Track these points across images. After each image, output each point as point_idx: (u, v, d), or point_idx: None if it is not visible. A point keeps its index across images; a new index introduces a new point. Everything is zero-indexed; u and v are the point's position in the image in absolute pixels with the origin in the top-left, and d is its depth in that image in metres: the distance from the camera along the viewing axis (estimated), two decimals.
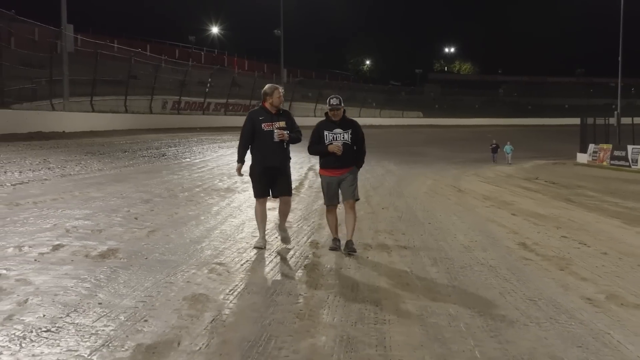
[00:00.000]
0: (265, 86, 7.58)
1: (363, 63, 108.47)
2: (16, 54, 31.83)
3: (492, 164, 33.13)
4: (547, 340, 4.71)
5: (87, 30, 52.63)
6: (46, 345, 4.01)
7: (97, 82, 34.40)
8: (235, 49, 74.82)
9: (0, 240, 6.94)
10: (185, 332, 4.38)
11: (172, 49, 63.95)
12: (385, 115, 69.27)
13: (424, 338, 4.62)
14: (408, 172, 23.73)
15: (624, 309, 5.67)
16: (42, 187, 11.68)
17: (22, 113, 27.15)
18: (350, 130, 7.56)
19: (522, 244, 8.85)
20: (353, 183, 7.63)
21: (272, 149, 7.33)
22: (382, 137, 48.41)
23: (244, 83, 53.25)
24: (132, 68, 38.48)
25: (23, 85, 31.69)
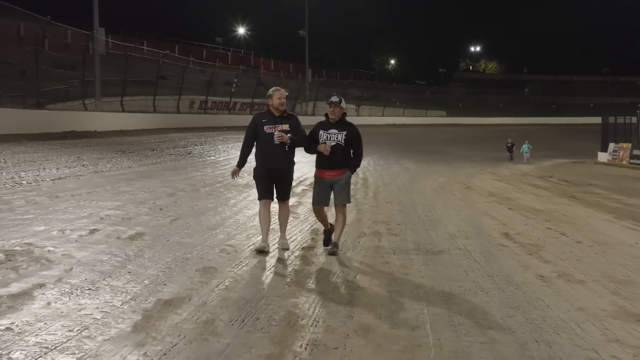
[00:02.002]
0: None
1: (388, 62, 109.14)
2: (50, 56, 33.33)
3: (510, 162, 33.52)
4: (487, 303, 5.81)
5: (118, 32, 54.33)
6: (88, 298, 5.23)
7: (127, 82, 35.78)
8: (262, 49, 76.22)
9: (45, 225, 8.18)
10: (195, 292, 5.56)
11: (199, 50, 65.46)
12: (409, 114, 69.92)
13: (385, 300, 5.76)
14: (424, 170, 24.33)
15: (567, 284, 6.72)
16: (78, 182, 12.93)
17: (56, 113, 28.59)
18: (345, 132, 7.52)
19: (505, 233, 9.81)
20: (346, 187, 7.64)
21: (274, 152, 7.35)
22: (405, 136, 49.27)
23: (270, 83, 54.33)
24: (161, 69, 39.81)
25: (57, 86, 33.20)
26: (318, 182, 7.69)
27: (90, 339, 4.32)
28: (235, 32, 79.50)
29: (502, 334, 4.97)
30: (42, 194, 10.95)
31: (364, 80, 79.98)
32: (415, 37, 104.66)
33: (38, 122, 25.96)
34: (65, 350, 4.11)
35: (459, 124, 69.70)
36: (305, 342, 4.53)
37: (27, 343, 4.19)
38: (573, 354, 4.58)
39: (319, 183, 7.68)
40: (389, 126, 60.80)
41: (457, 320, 5.29)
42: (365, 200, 13.36)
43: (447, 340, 4.75)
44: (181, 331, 4.58)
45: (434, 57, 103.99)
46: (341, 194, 7.61)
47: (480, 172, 25.64)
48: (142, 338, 4.40)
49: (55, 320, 4.63)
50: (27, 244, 6.99)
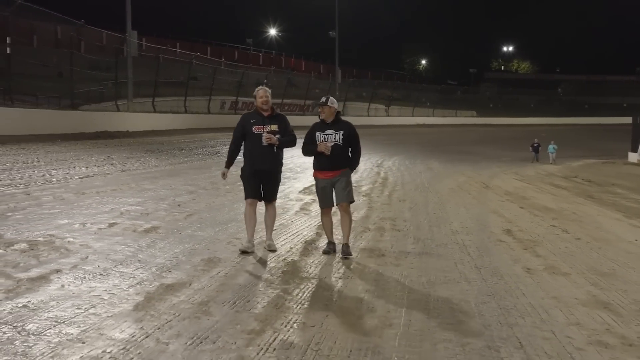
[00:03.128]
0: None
1: (419, 63, 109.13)
2: (85, 58, 34.33)
3: (535, 162, 33.49)
4: (467, 291, 6.27)
5: (152, 34, 55.40)
6: (99, 282, 5.83)
7: (159, 83, 36.65)
8: (293, 50, 76.93)
9: (69, 219, 8.82)
10: (196, 279, 6.13)
11: (231, 51, 66.40)
12: (439, 114, 70.00)
13: (370, 286, 6.26)
14: (448, 170, 24.50)
15: (551, 276, 7.13)
16: (105, 180, 13.61)
17: (89, 114, 29.51)
18: (342, 132, 7.51)
19: (507, 230, 10.19)
20: (347, 186, 7.61)
21: (262, 152, 7.33)
22: (434, 136, 49.48)
23: (300, 83, 55.04)
24: (193, 70, 40.63)
25: (92, 87, 34.19)
26: (319, 184, 7.65)
27: (96, 315, 4.90)
28: (266, 33, 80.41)
29: (470, 317, 5.44)
30: (69, 190, 11.63)
31: (395, 80, 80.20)
32: (446, 38, 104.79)
33: (72, 122, 26.86)
34: (72, 323, 4.69)
35: (489, 124, 69.55)
36: (286, 321, 5.05)
37: (40, 317, 4.78)
38: (530, 334, 5.02)
39: (320, 184, 7.64)
40: (418, 126, 60.99)
41: (433, 305, 5.77)
42: (379, 198, 13.78)
43: (416, 321, 5.23)
44: (177, 310, 5.14)
45: (466, 57, 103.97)
46: (343, 193, 7.56)
47: (505, 172, 25.71)
48: (141, 315, 4.96)
49: (66, 300, 5.23)
50: (50, 235, 7.63)
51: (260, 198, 7.58)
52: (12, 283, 5.59)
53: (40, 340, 4.34)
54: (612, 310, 5.86)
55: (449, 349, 4.65)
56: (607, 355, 4.67)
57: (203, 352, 4.30)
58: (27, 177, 13.09)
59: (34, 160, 16.30)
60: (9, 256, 6.56)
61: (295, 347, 4.50)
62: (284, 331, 4.81)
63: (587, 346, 4.83)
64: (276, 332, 4.80)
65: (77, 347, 4.24)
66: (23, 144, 20.96)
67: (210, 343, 4.48)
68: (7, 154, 17.43)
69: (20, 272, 5.96)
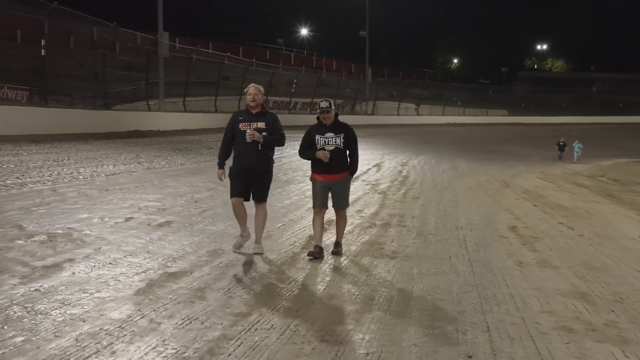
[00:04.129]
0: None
1: (451, 62, 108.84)
2: (118, 60, 35.21)
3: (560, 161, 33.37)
4: (453, 282, 6.65)
5: (185, 34, 56.38)
6: (107, 270, 6.35)
7: (191, 83, 37.36)
8: (324, 49, 77.43)
9: (89, 214, 9.38)
10: (198, 268, 6.61)
11: (263, 51, 67.13)
12: (469, 113, 69.82)
13: (362, 275, 6.70)
14: (472, 169, 24.59)
15: (540, 269, 7.45)
16: (130, 178, 14.19)
17: (122, 113, 30.28)
18: (343, 135, 7.40)
19: (512, 227, 10.47)
20: (345, 191, 7.58)
21: (247, 150, 7.25)
22: (464, 135, 49.52)
23: (331, 83, 55.47)
24: (224, 69, 41.30)
25: (125, 88, 35.05)
26: (317, 185, 7.52)
27: (99, 299, 5.40)
28: (297, 33, 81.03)
29: (447, 304, 5.83)
30: (94, 187, 12.21)
31: (426, 79, 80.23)
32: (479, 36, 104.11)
33: (105, 122, 27.62)
34: (77, 305, 5.21)
35: (521, 123, 69.15)
36: (273, 306, 5.50)
37: (48, 300, 5.30)
38: (500, 320, 5.40)
39: (317, 185, 7.52)
40: (448, 125, 60.98)
41: (416, 293, 6.18)
42: (394, 196, 14.11)
43: (395, 307, 5.66)
44: (174, 295, 5.62)
45: (498, 56, 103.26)
46: (340, 198, 7.54)
47: (530, 170, 25.72)
48: (140, 299, 5.45)
49: (75, 285, 5.75)
50: (69, 228, 8.18)
51: (247, 197, 7.45)
52: (28, 270, 6.13)
53: (46, 318, 4.85)
54: (589, 300, 6.18)
55: (418, 332, 5.04)
56: (567, 339, 5.01)
57: (190, 331, 4.76)
58: (56, 174, 13.71)
59: (64, 159, 16.95)
60: (28, 246, 7.11)
61: (275, 328, 4.94)
62: (268, 314, 5.25)
63: (552, 331, 5.19)
64: (261, 315, 5.24)
65: (78, 325, 4.74)
66: (56, 142, 21.68)
67: (198, 323, 4.94)
68: (40, 153, 18.11)
69: (37, 261, 6.49)
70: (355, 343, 4.73)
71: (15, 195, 10.69)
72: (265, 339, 4.70)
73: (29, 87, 29.28)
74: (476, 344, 4.83)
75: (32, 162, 15.71)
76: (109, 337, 4.54)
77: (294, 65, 65.37)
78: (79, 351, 4.24)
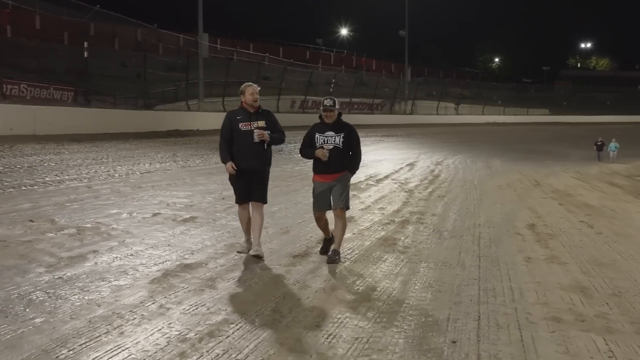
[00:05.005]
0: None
1: (492, 61, 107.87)
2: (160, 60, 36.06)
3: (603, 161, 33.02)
4: (457, 275, 6.94)
5: (227, 35, 57.19)
6: (128, 260, 6.82)
7: (231, 83, 37.96)
8: (364, 49, 77.62)
9: (119, 209, 9.88)
10: (213, 260, 7.01)
11: (303, 51, 67.58)
12: (509, 112, 69.14)
13: (370, 268, 7.00)
14: (506, 168, 24.52)
15: (547, 265, 7.67)
16: (163, 175, 14.71)
17: (162, 113, 31.00)
18: (343, 134, 7.25)
19: (531, 224, 10.65)
20: (344, 190, 7.33)
21: (251, 150, 7.09)
22: (503, 134, 49.17)
23: (370, 82, 55.63)
24: (265, 70, 41.85)
25: (166, 88, 35.85)
26: (317, 187, 7.37)
27: (117, 286, 5.85)
28: (337, 33, 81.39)
29: (446, 295, 6.14)
30: (127, 185, 12.74)
31: (467, 79, 79.81)
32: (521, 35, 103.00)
33: (145, 121, 28.32)
34: (95, 292, 5.66)
35: (562, 122, 68.18)
36: (278, 295, 5.87)
37: (70, 286, 5.76)
38: (493, 310, 5.68)
39: (317, 188, 7.36)
40: (488, 125, 60.59)
41: (420, 284, 6.50)
42: (420, 194, 14.32)
43: (394, 296, 5.98)
44: (187, 284, 6.03)
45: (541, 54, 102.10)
46: (340, 198, 7.28)
47: (566, 170, 25.56)
48: (155, 287, 5.87)
49: (96, 274, 6.21)
50: (98, 223, 8.67)
51: (251, 199, 7.30)
52: (54, 260, 6.61)
53: (65, 303, 5.30)
54: (586, 293, 6.42)
55: (410, 319, 5.35)
56: (554, 328, 5.27)
57: (195, 315, 5.16)
58: (93, 172, 14.30)
59: (103, 157, 17.57)
60: (58, 239, 7.61)
61: (276, 314, 5.31)
62: (271, 302, 5.62)
63: (541, 321, 5.45)
64: (267, 302, 5.60)
65: (93, 309, 5.18)
66: (97, 142, 22.39)
67: (204, 309, 5.33)
68: (80, 152, 18.78)
69: (63, 252, 6.97)
70: (348, 328, 5.06)
71: (52, 192, 11.26)
72: (264, 324, 5.06)
73: (74, 87, 30.18)
74: (463, 331, 5.12)
75: (72, 160, 16.34)
76: (119, 319, 4.96)
77: (333, 65, 65.73)
78: (90, 331, 4.66)
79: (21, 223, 8.38)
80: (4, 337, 4.48)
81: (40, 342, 4.42)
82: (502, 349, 4.74)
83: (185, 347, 4.48)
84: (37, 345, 4.36)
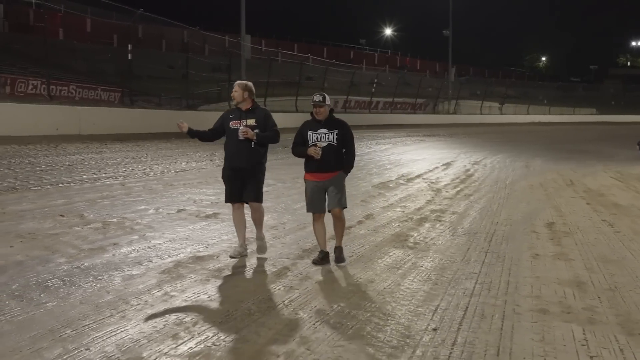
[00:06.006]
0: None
1: (539, 59, 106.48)
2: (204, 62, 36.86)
3: None
4: (458, 270, 7.16)
5: (272, 36, 57.93)
6: (144, 252, 7.28)
7: (274, 84, 38.59)
8: (408, 49, 77.66)
9: (146, 205, 10.40)
10: (225, 253, 7.40)
11: (347, 51, 68.05)
12: (555, 112, 68.35)
13: (375, 262, 7.29)
14: (545, 168, 24.17)
15: (552, 261, 7.77)
16: (197, 174, 15.20)
17: (204, 113, 31.62)
18: (337, 131, 7.06)
19: (550, 223, 10.71)
20: (340, 190, 7.13)
21: (238, 149, 7.07)
22: (547, 134, 48.72)
23: (414, 82, 55.70)
24: (307, 70, 42.35)
25: (211, 89, 36.65)
26: (310, 187, 7.22)
27: (129, 276, 6.31)
28: (381, 33, 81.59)
29: (441, 288, 6.40)
30: (160, 183, 13.26)
31: (512, 78, 79.14)
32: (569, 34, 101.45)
33: (188, 121, 27.79)
34: (107, 280, 6.13)
35: (610, 122, 67.09)
36: (279, 286, 6.22)
37: (85, 275, 6.25)
38: (483, 302, 5.93)
39: (310, 188, 7.20)
40: (533, 124, 60.11)
41: (419, 278, 6.77)
42: (447, 193, 14.43)
43: (390, 286, 6.27)
44: (194, 274, 6.45)
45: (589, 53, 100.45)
46: (336, 197, 7.11)
47: (606, 170, 25.03)
48: (164, 277, 6.32)
49: (111, 264, 6.68)
50: (123, 218, 9.16)
51: (241, 200, 7.30)
52: (76, 252, 7.11)
53: (78, 290, 5.77)
54: (582, 288, 6.60)
55: (399, 309, 5.64)
56: (537, 319, 5.50)
57: (197, 302, 5.58)
58: (130, 170, 14.89)
59: (142, 156, 18.20)
60: (83, 232, 8.13)
61: (272, 302, 5.67)
62: (270, 291, 5.98)
63: (527, 312, 5.68)
64: (267, 292, 5.97)
65: (102, 295, 5.65)
66: (140, 141, 23.11)
67: (205, 297, 5.73)
68: (121, 151, 19.47)
69: (86, 244, 7.48)
70: (337, 316, 5.38)
71: (86, 189, 11.83)
72: (259, 311, 5.42)
73: (121, 88, 31.12)
74: (447, 320, 5.39)
75: (112, 159, 16.99)
76: (124, 305, 5.40)
77: (377, 65, 66.06)
78: (95, 315, 5.11)
79: (52, 217, 8.93)
80: (16, 319, 4.95)
81: (48, 323, 4.87)
82: (479, 337, 5.01)
83: (179, 329, 4.87)
84: (44, 326, 4.82)
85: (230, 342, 4.72)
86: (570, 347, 4.89)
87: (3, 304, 5.29)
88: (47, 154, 17.08)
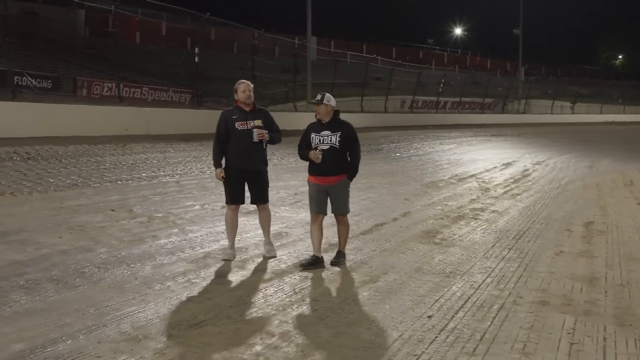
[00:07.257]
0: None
1: (615, 57, 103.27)
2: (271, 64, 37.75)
3: None
4: (474, 264, 7.45)
5: (340, 37, 58.47)
6: (177, 244, 7.89)
7: (340, 84, 39.10)
8: (478, 48, 76.84)
9: (194, 202, 11.13)
10: (254, 246, 7.93)
11: (416, 51, 67.99)
12: (631, 111, 66.37)
13: (392, 257, 7.66)
14: (609, 168, 23.58)
15: (574, 258, 7.90)
16: None
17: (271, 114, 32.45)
18: (340, 133, 6.89)
19: (589, 222, 10.71)
20: (343, 196, 7.06)
21: (249, 150, 7.05)
22: (621, 134, 47.56)
23: (482, 81, 55.24)
24: (373, 70, 42.67)
25: (278, 89, 37.50)
26: (311, 189, 7.16)
27: (160, 264, 6.93)
28: (451, 33, 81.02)
29: (452, 279, 6.73)
30: (214, 181, 13.66)
31: (586, 76, 77.29)
32: None
33: None
34: (139, 268, 6.73)
35: None
36: (295, 276, 6.69)
37: (119, 262, 6.89)
38: (487, 292, 6.25)
39: (313, 189, 7.12)
40: (606, 124, 58.69)
41: (433, 271, 7.09)
42: (494, 192, 14.46)
43: (406, 276, 6.68)
44: (219, 264, 6.95)
45: None
46: (339, 203, 7.06)
47: None
48: (191, 266, 6.93)
49: (145, 254, 7.34)
50: (169, 213, 9.80)
51: (243, 201, 7.38)
52: (117, 243, 7.78)
53: (110, 276, 6.42)
54: (593, 283, 6.80)
55: (402, 298, 6.01)
56: (534, 309, 5.78)
57: (214, 289, 6.13)
58: (188, 169, 15.61)
59: (204, 156, 18.87)
60: (128, 225, 8.79)
61: (274, 289, 6.17)
62: (285, 282, 6.45)
63: (527, 304, 5.97)
64: (281, 282, 6.45)
65: (130, 280, 6.29)
66: (205, 141, 23.79)
67: (226, 285, 6.28)
68: (185, 150, 20.26)
69: (128, 236, 8.13)
70: (339, 303, 5.79)
71: (143, 186, 12.57)
72: (269, 295, 5.92)
73: (191, 90, 32.21)
74: (445, 308, 5.73)
75: (174, 158, 17.76)
76: (147, 289, 6.01)
77: (447, 65, 65.81)
78: (119, 297, 5.73)
79: (103, 212, 9.65)
80: (49, 299, 5.61)
81: (76, 303, 5.51)
82: (470, 324, 5.33)
83: (190, 312, 5.40)
84: (72, 305, 5.46)
85: (236, 323, 5.22)
86: (555, 335, 5.16)
87: (41, 286, 5.96)
88: (114, 153, 17.98)
